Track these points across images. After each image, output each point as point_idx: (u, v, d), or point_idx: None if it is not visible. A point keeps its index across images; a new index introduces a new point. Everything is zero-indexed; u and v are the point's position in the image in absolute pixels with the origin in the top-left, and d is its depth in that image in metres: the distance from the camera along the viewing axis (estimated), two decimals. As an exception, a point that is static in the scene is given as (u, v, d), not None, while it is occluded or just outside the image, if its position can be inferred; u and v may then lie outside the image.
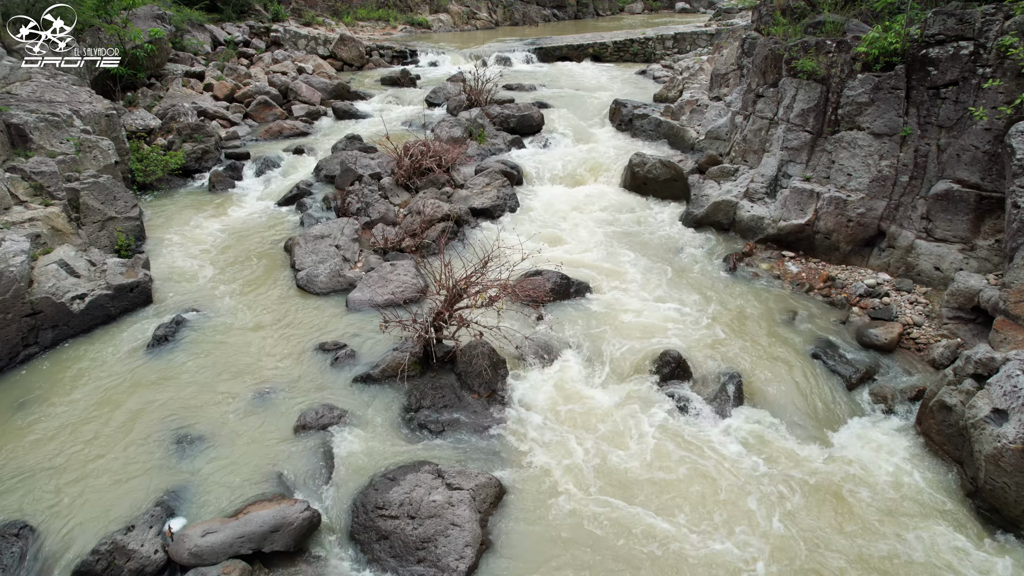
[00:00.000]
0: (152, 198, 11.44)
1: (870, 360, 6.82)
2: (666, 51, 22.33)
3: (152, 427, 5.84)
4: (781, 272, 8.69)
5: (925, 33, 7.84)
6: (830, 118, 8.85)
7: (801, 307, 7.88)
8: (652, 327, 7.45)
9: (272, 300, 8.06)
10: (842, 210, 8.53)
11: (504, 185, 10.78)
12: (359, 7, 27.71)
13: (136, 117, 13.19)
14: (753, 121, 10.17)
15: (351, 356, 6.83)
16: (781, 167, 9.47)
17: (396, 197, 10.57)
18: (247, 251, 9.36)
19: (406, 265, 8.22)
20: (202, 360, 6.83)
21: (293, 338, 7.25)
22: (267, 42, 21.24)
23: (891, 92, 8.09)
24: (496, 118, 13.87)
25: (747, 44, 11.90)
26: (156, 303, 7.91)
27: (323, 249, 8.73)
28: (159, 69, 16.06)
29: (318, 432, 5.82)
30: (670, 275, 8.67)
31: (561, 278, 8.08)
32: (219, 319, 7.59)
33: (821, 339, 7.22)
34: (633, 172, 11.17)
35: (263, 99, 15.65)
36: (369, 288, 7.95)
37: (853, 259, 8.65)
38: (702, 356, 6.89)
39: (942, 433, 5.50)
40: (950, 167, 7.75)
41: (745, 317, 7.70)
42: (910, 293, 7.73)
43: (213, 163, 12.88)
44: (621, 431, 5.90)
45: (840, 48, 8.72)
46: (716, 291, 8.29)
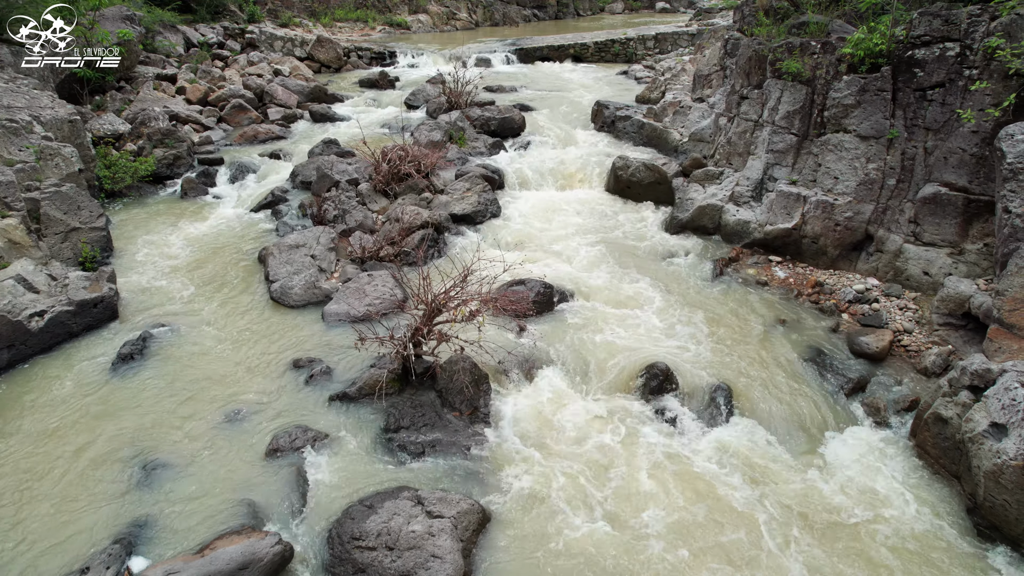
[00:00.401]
0: (121, 206, 11.03)
1: (862, 369, 6.66)
2: (647, 51, 22.21)
3: (113, 454, 5.52)
4: (768, 278, 8.53)
5: (911, 34, 7.71)
6: (816, 120, 8.71)
7: (790, 314, 7.72)
8: (638, 337, 7.25)
9: (245, 314, 7.74)
10: (829, 214, 8.39)
11: (485, 190, 10.53)
12: (337, 8, 27.29)
13: (104, 122, 12.76)
14: (737, 123, 10.02)
15: (326, 373, 6.54)
16: (767, 170, 9.32)
17: (374, 204, 10.27)
18: (220, 261, 9.02)
19: (384, 275, 7.94)
20: (169, 379, 6.50)
21: (266, 354, 6.94)
22: (242, 44, 20.78)
23: (877, 94, 7.96)
24: (476, 121, 13.61)
25: (730, 45, 11.76)
26: (122, 318, 7.56)
27: (298, 259, 8.42)
28: (129, 72, 15.58)
29: (291, 456, 5.54)
30: (655, 281, 8.47)
31: (544, 287, 7.85)
32: (188, 335, 7.26)
33: (811, 347, 7.06)
34: (616, 175, 10.98)
35: (238, 102, 15.25)
36: (346, 300, 7.66)
37: (841, 264, 8.51)
38: (690, 367, 6.69)
39: (938, 447, 5.34)
40: (937, 170, 7.63)
41: (733, 325, 7.52)
42: (899, 299, 7.60)
43: (186, 169, 12.49)
44: (609, 450, 5.68)
45: (825, 49, 8.58)
46: (703, 298, 8.11)
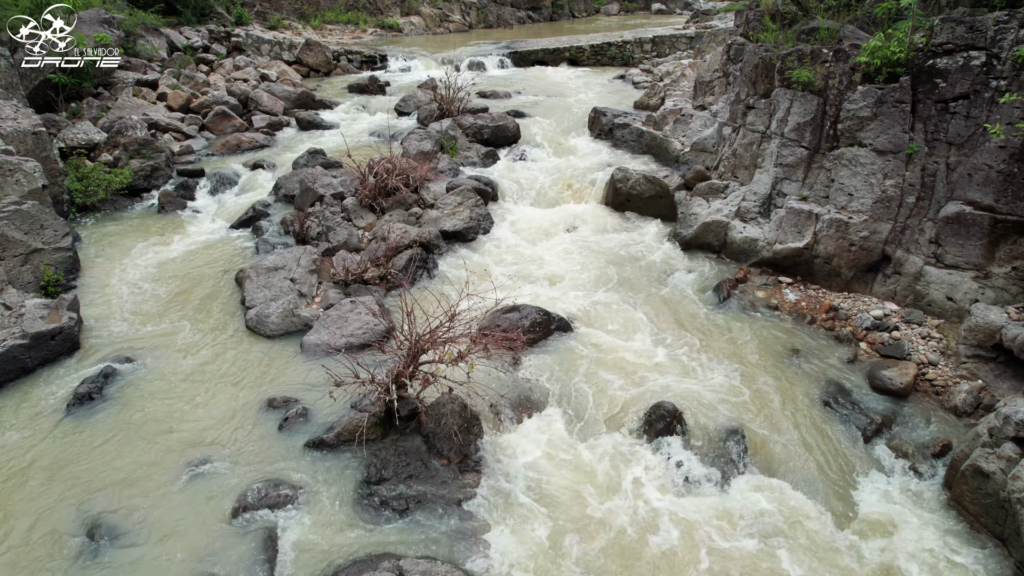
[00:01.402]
0: (93, 222, 10.44)
1: (885, 407, 6.14)
2: (644, 55, 21.69)
3: (59, 515, 4.95)
4: (779, 301, 8.00)
5: (931, 42, 7.20)
6: (828, 133, 8.19)
7: (803, 343, 7.20)
8: (641, 370, 6.71)
9: (218, 344, 7.17)
10: (843, 233, 7.87)
11: (477, 204, 9.98)
12: (327, 10, 26.69)
13: (78, 131, 12.14)
14: (743, 134, 9.49)
15: (302, 416, 5.98)
16: (775, 185, 8.80)
17: (360, 220, 9.71)
18: (194, 283, 8.45)
19: (368, 302, 7.38)
20: (130, 423, 5.93)
21: (238, 392, 6.37)
22: (228, 47, 20.14)
23: (895, 106, 7.44)
24: (469, 129, 13.06)
25: (733, 50, 11.24)
26: (84, 350, 6.98)
27: (276, 283, 7.86)
28: (107, 77, 14.97)
29: (261, 515, 4.98)
30: (658, 306, 7.95)
31: (540, 314, 7.31)
32: (155, 369, 6.69)
33: (829, 382, 6.53)
34: (616, 188, 10.45)
35: (221, 109, 14.65)
36: (326, 329, 7.10)
37: (856, 286, 7.99)
38: (698, 406, 6.16)
39: (978, 503, 4.83)
40: (961, 187, 7.12)
41: (743, 356, 6.99)
42: (921, 326, 7.08)
43: (164, 181, 11.89)
44: (613, 505, 5.14)
45: (837, 57, 8.07)
46: (709, 324, 7.59)
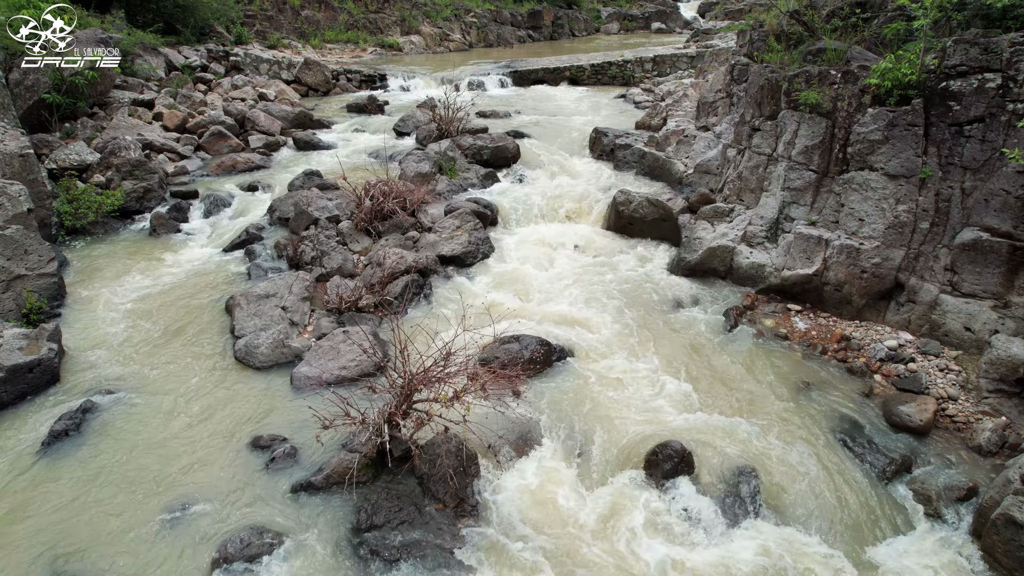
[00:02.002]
0: (82, 245, 10.18)
1: (904, 446, 5.83)
2: (645, 74, 21.60)
3: (26, 567, 4.62)
4: (788, 330, 7.72)
5: (944, 64, 6.98)
6: (837, 156, 7.96)
7: (815, 375, 6.90)
8: (647, 404, 6.41)
9: (204, 376, 6.87)
10: (854, 259, 7.60)
11: (476, 228, 9.73)
12: (327, 29, 26.67)
13: (70, 151, 11.93)
14: (749, 157, 9.26)
15: (290, 456, 5.66)
16: (783, 209, 8.55)
17: (356, 244, 9.45)
18: (184, 311, 8.17)
19: (361, 332, 7.09)
20: (109, 463, 5.62)
21: (223, 429, 6.06)
22: (226, 67, 20.04)
23: (907, 129, 7.21)
24: (468, 150, 12.85)
25: (737, 71, 11.06)
26: (64, 383, 6.68)
27: (267, 311, 7.58)
28: (103, 97, 14.80)
29: (242, 567, 4.65)
30: (663, 334, 7.66)
31: (541, 344, 7.02)
32: (138, 404, 6.38)
33: (844, 418, 6.22)
34: (618, 211, 10.21)
35: (217, 129, 14.46)
36: (318, 361, 6.81)
37: (868, 314, 7.71)
38: (707, 444, 5.85)
39: (1012, 556, 4.50)
40: (977, 213, 6.87)
41: (753, 389, 6.69)
42: (938, 357, 6.79)
43: (157, 203, 11.66)
44: (618, 556, 4.81)
45: (846, 79, 7.85)
46: (717, 355, 7.29)
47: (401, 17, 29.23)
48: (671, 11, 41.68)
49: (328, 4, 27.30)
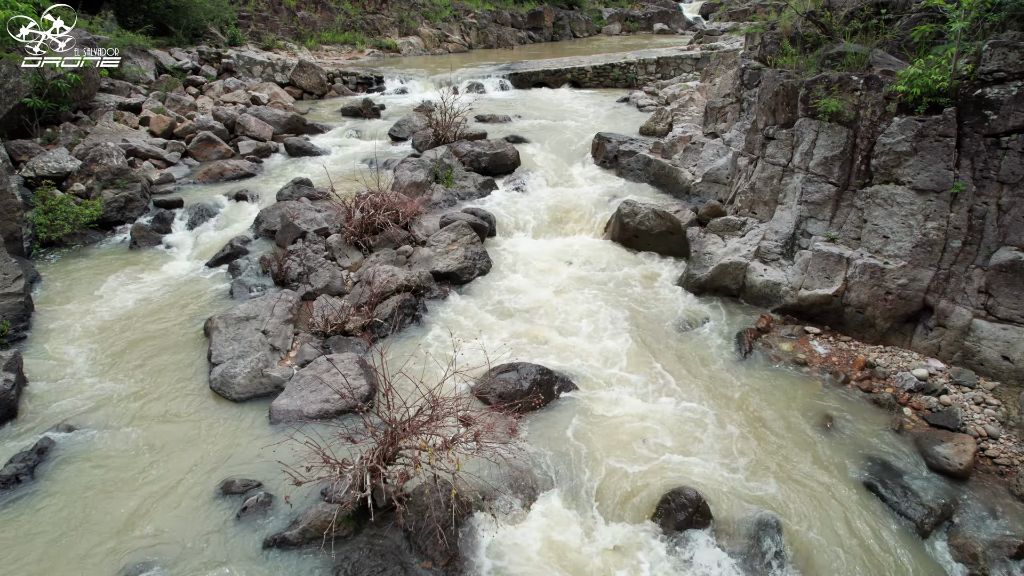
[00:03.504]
0: (58, 258, 9.66)
1: (942, 492, 5.28)
2: (649, 76, 21.05)
3: (-40, 644, 4.10)
4: (807, 355, 7.17)
5: (979, 69, 6.45)
6: (859, 168, 7.42)
7: (839, 407, 6.36)
8: (656, 443, 5.87)
9: (176, 409, 6.33)
10: (879, 280, 7.06)
11: (473, 241, 9.19)
12: (323, 30, 26.13)
13: (49, 158, 11.41)
14: (763, 167, 8.71)
15: (265, 504, 5.12)
16: (799, 223, 8.01)
17: (345, 259, 8.91)
18: (160, 333, 7.64)
19: (347, 360, 6.55)
20: (63, 512, 5.08)
21: (193, 472, 5.52)
22: (219, 69, 19.51)
23: (938, 140, 6.67)
24: (466, 157, 12.31)
25: (747, 75, 10.52)
26: (21, 417, 6.13)
27: (247, 336, 7.04)
28: (87, 101, 14.28)
29: (203, 641, 4.13)
30: (673, 361, 7.13)
31: (541, 373, 6.49)
32: (100, 441, 5.84)
33: (873, 458, 5.68)
34: (623, 223, 9.67)
35: (206, 135, 13.92)
36: (299, 393, 6.27)
37: (893, 338, 7.17)
38: (724, 489, 5.31)
39: (1076, 634, 3.97)
40: (1015, 231, 6.33)
41: (771, 423, 6.15)
42: (974, 389, 6.24)
43: (139, 213, 11.13)
44: (628, 627, 4.28)
45: (869, 85, 7.32)
46: (730, 384, 6.75)
47: (399, 18, 28.70)
48: (673, 12, 41.12)
49: (325, 5, 26.78)
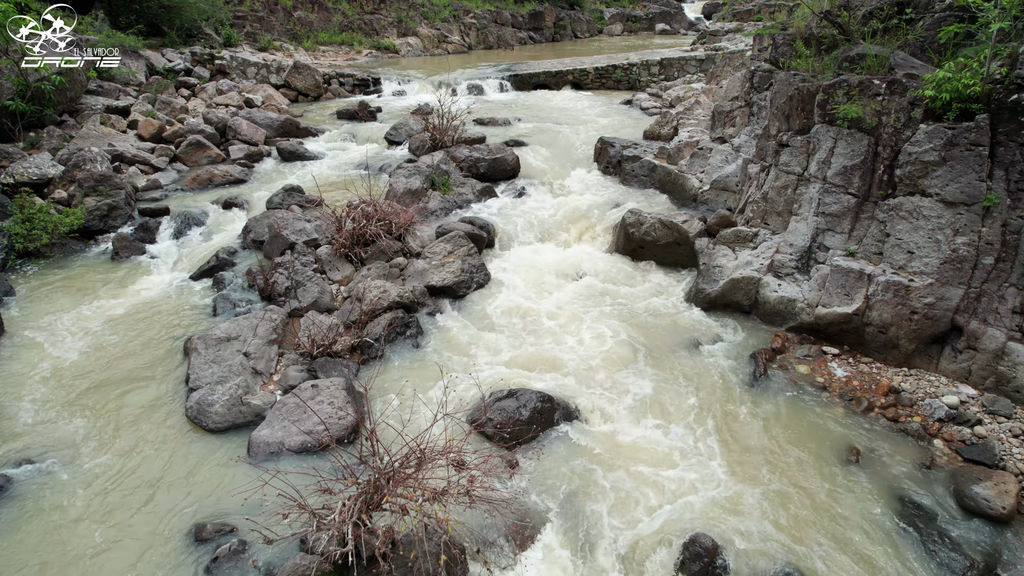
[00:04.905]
0: (35, 270, 9.20)
1: (983, 539, 4.82)
2: (652, 78, 20.58)
3: None
4: (826, 379, 6.71)
5: (1015, 73, 5.98)
6: (881, 178, 6.95)
7: (863, 438, 5.88)
8: (666, 478, 5.41)
9: (148, 440, 5.87)
10: (903, 298, 6.59)
11: (470, 253, 8.73)
12: (320, 31, 25.67)
13: (29, 164, 10.96)
14: (776, 176, 8.25)
15: (237, 553, 4.66)
16: (815, 236, 7.55)
17: (335, 272, 8.46)
18: (137, 352, 7.18)
19: (334, 387, 6.09)
20: (16, 561, 4.62)
21: (162, 513, 5.06)
22: (212, 70, 19.06)
23: (969, 149, 6.20)
24: (464, 162, 11.85)
25: (757, 77, 10.05)
26: (-19, 449, 5.70)
27: (228, 358, 6.58)
28: (73, 104, 13.83)
29: None
30: (682, 385, 6.66)
31: (542, 401, 6.02)
32: (61, 477, 5.38)
33: (904, 498, 5.21)
34: (628, 234, 9.20)
35: (196, 139, 13.46)
36: (280, 423, 5.81)
37: (918, 361, 6.70)
38: (741, 535, 4.85)
39: None
40: (1053, 249, 5.87)
41: (791, 457, 5.68)
42: (1011, 420, 5.78)
43: (123, 221, 10.67)
44: None
45: (892, 90, 6.85)
46: (746, 411, 6.28)
47: (398, 18, 28.24)
48: (675, 12, 40.66)
49: (322, 5, 26.32)
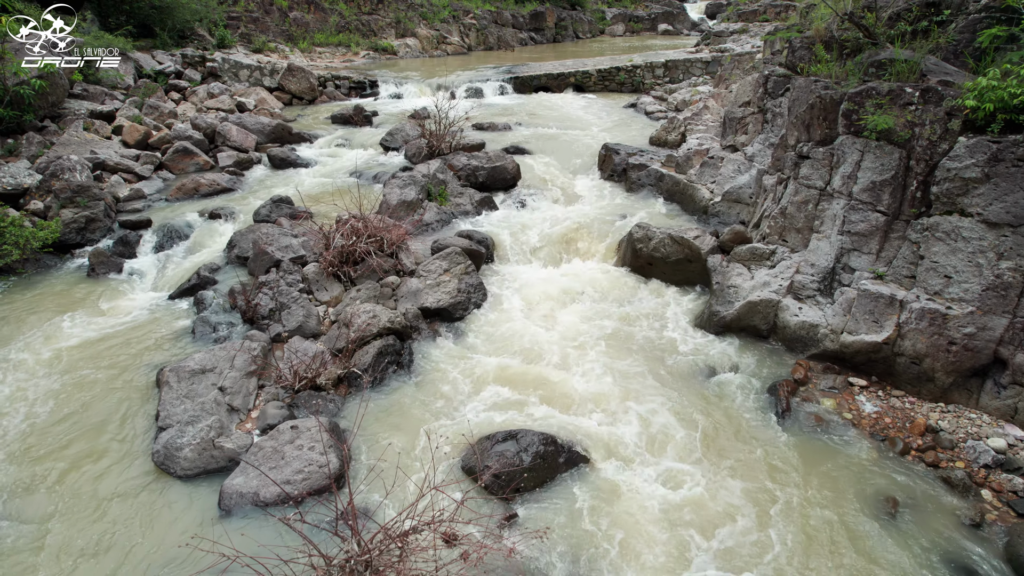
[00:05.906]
0: (5, 288, 8.65)
1: (1045, 614, 4.27)
2: (656, 80, 20.01)
3: None
4: (854, 415, 6.14)
5: (1067, 83, 5.42)
6: (914, 195, 6.38)
7: (901, 487, 5.32)
8: (684, 534, 4.85)
9: (109, 488, 5.31)
10: (940, 327, 6.02)
11: (468, 271, 8.16)
12: (317, 32, 25.11)
13: (4, 173, 10.39)
14: (795, 190, 7.67)
15: (198, 633, 4.11)
16: (840, 256, 6.98)
17: (323, 292, 7.90)
18: (105, 383, 6.61)
19: (315, 429, 5.52)
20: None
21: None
22: (203, 73, 18.49)
23: (1016, 165, 5.63)
24: (462, 171, 11.29)
25: (772, 83, 9.48)
26: (-77, 500, 5.14)
27: (201, 393, 6.02)
28: (55, 108, 13.27)
29: None
30: (698, 421, 6.10)
31: (545, 444, 5.46)
32: (9, 536, 4.83)
33: (952, 561, 4.64)
34: (635, 249, 8.63)
35: (183, 146, 12.91)
36: (256, 471, 5.23)
37: (956, 395, 6.13)
38: (774, 605, 4.29)
39: None
40: (1110, 277, 5.30)
41: (821, 510, 5.11)
42: (1065, 468, 5.22)
43: (103, 234, 10.12)
44: None
45: (927, 99, 6.28)
46: (767, 454, 5.71)
47: (396, 19, 27.67)
48: (678, 12, 40.11)
49: (318, 5, 25.76)
